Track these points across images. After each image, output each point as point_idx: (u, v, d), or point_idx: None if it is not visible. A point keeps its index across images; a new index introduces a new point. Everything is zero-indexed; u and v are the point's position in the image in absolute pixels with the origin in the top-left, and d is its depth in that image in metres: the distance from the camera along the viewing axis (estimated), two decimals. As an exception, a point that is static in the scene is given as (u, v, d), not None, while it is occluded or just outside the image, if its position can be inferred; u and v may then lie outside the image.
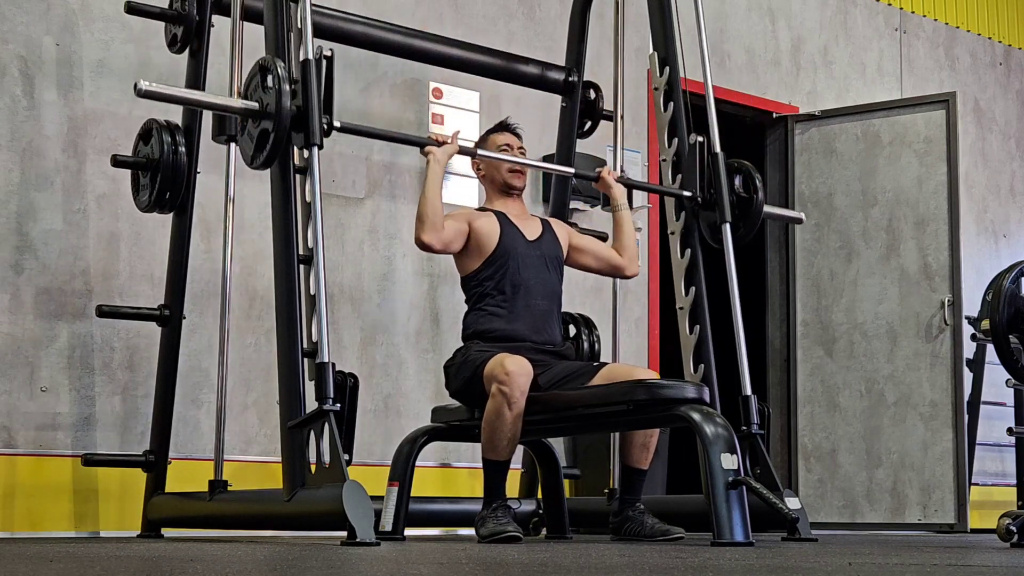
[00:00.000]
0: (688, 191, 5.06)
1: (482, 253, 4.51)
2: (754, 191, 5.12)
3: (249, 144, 4.00)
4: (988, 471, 7.71)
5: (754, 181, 5.12)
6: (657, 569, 2.49)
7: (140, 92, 3.89)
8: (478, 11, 6.05)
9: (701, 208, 5.07)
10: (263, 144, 3.94)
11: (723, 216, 5.03)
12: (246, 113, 4.00)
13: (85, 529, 4.80)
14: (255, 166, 4.01)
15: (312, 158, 3.94)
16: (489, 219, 4.56)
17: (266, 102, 3.93)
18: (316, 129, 3.94)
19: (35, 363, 4.75)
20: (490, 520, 4.15)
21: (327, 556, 2.93)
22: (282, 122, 3.89)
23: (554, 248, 4.65)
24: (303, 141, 3.95)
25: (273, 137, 3.90)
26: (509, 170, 4.63)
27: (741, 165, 5.15)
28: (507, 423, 4.15)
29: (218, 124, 4.52)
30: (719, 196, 5.04)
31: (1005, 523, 4.20)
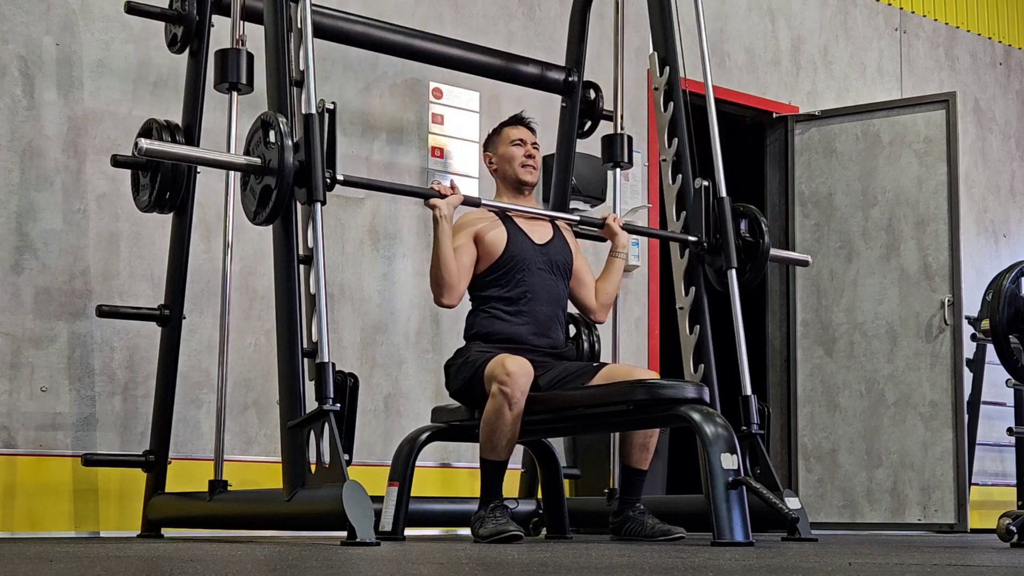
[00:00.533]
0: (694, 236, 5.03)
1: (487, 258, 4.49)
2: (760, 235, 5.07)
3: (252, 200, 3.96)
4: (988, 471, 7.71)
5: (760, 225, 5.08)
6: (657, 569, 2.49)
7: (141, 151, 3.90)
8: (478, 11, 6.05)
9: (707, 252, 5.04)
10: (266, 200, 3.90)
11: (729, 262, 4.99)
12: (248, 169, 3.96)
13: (85, 529, 4.80)
14: (257, 222, 3.97)
15: (315, 213, 3.91)
16: (495, 225, 4.52)
17: (268, 158, 3.89)
18: (319, 185, 3.89)
19: (35, 363, 4.75)
20: (489, 520, 4.15)
21: (327, 556, 2.93)
22: (285, 178, 3.85)
23: (564, 254, 4.62)
24: (306, 197, 3.91)
25: (276, 194, 3.86)
26: (521, 165, 4.60)
27: (747, 209, 5.12)
28: (507, 423, 4.15)
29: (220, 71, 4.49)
30: (725, 241, 4.99)
31: (1005, 523, 4.20)
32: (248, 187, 3.99)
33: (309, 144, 3.90)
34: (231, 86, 4.51)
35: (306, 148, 3.90)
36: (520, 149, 4.61)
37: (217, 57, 4.52)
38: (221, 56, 4.50)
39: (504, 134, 4.65)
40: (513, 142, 4.62)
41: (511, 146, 4.61)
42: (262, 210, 3.92)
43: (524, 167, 4.60)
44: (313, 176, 3.89)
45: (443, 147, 5.82)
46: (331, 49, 5.23)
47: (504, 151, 4.62)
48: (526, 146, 4.61)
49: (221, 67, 4.50)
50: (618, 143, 5.51)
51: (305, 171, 3.89)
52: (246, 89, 4.53)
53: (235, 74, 4.48)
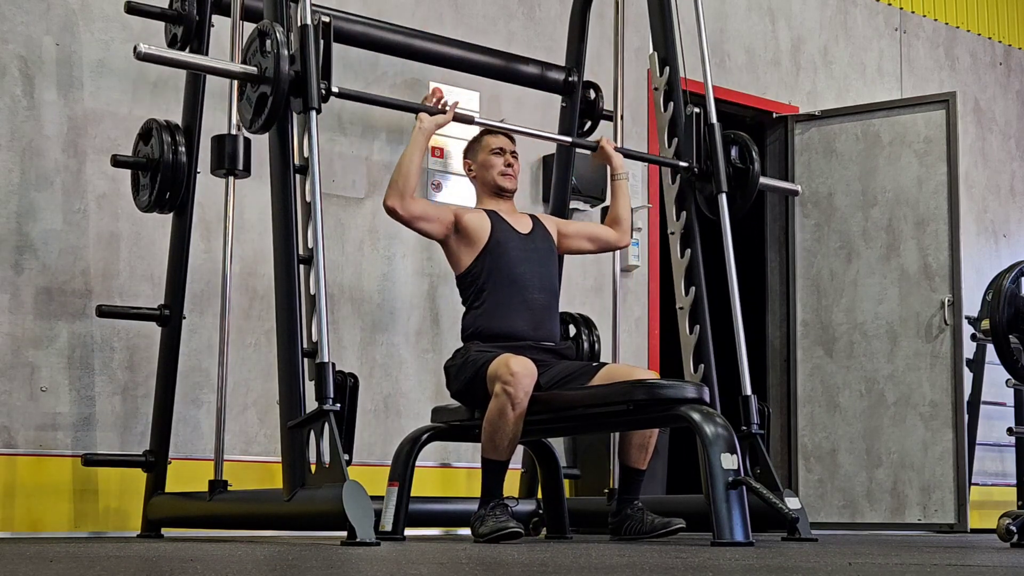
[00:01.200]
0: (684, 161, 5.08)
1: (474, 247, 4.51)
2: (750, 162, 5.15)
3: (248, 108, 4.05)
4: (988, 471, 7.71)
5: (750, 152, 5.16)
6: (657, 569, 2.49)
7: (139, 55, 3.95)
8: (478, 11, 6.05)
9: (697, 179, 5.09)
10: (261, 108, 3.99)
11: (719, 186, 5.07)
12: (245, 77, 4.05)
13: (85, 529, 4.80)
14: (253, 130, 4.06)
15: (310, 123, 3.98)
16: (479, 215, 4.57)
17: (265, 66, 3.97)
18: (314, 94, 3.98)
19: (35, 363, 4.75)
20: (489, 518, 4.15)
21: (327, 556, 2.93)
22: (280, 86, 3.93)
23: (547, 241, 4.66)
24: (301, 106, 3.99)
25: (271, 101, 3.95)
26: (500, 173, 4.63)
27: (738, 136, 5.20)
28: (509, 423, 4.15)
29: (216, 157, 4.52)
30: (715, 167, 5.07)
31: (1005, 523, 4.20)
32: (245, 96, 4.07)
33: (304, 54, 3.98)
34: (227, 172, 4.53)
35: (302, 59, 3.98)
36: (499, 158, 4.64)
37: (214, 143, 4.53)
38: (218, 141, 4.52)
39: (484, 142, 4.69)
40: (492, 150, 4.65)
41: (490, 154, 4.65)
42: (257, 118, 4.01)
43: (503, 175, 4.64)
44: (308, 85, 3.96)
45: (443, 147, 5.82)
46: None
47: (483, 159, 4.66)
48: (505, 155, 4.65)
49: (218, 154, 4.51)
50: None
51: (301, 80, 3.97)
52: (243, 175, 4.56)
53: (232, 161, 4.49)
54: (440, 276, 5.76)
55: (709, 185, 5.10)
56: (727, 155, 5.13)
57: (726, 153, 5.12)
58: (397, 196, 4.41)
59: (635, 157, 5.40)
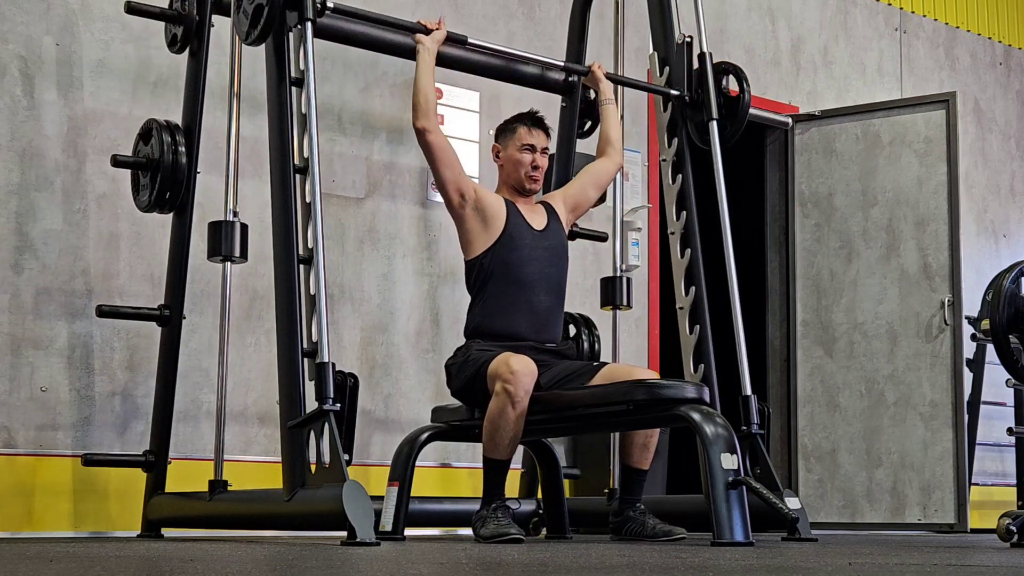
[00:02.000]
0: (676, 89, 5.10)
1: (489, 232, 4.46)
2: (741, 91, 5.18)
3: (244, 21, 4.14)
4: (988, 471, 7.71)
5: (742, 81, 5.17)
6: (657, 569, 2.49)
7: None
8: (478, 11, 6.05)
9: (688, 108, 5.12)
10: (257, 19, 4.08)
11: (710, 114, 5.11)
12: None
13: (85, 529, 4.80)
14: (249, 42, 4.17)
15: (306, 35, 4.06)
16: (498, 200, 4.54)
17: None
18: (309, 4, 4.07)
19: (35, 363, 4.75)
20: (491, 521, 4.14)
21: (327, 556, 2.93)
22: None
23: (560, 236, 4.62)
24: (296, 19, 4.07)
25: (267, 11, 4.04)
26: (526, 174, 4.56)
27: (729, 65, 5.22)
28: (510, 422, 4.15)
29: (213, 243, 4.53)
30: (706, 94, 5.10)
31: (1005, 523, 4.20)
32: (241, 9, 4.17)
33: None
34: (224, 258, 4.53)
35: None
36: (528, 156, 4.56)
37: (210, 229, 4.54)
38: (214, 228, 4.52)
39: (517, 134, 4.59)
40: (523, 147, 4.57)
41: (520, 151, 4.57)
42: (253, 29, 4.11)
43: (529, 176, 4.58)
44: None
45: (443, 147, 5.81)
46: (331, 49, 5.23)
47: (512, 154, 4.58)
48: (535, 154, 4.57)
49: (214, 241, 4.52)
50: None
51: None
52: (239, 260, 4.56)
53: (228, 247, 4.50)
54: (440, 276, 5.76)
55: (700, 113, 5.13)
56: (718, 83, 5.16)
57: (717, 81, 5.14)
58: (424, 115, 4.43)
59: (625, 83, 5.39)
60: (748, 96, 5.19)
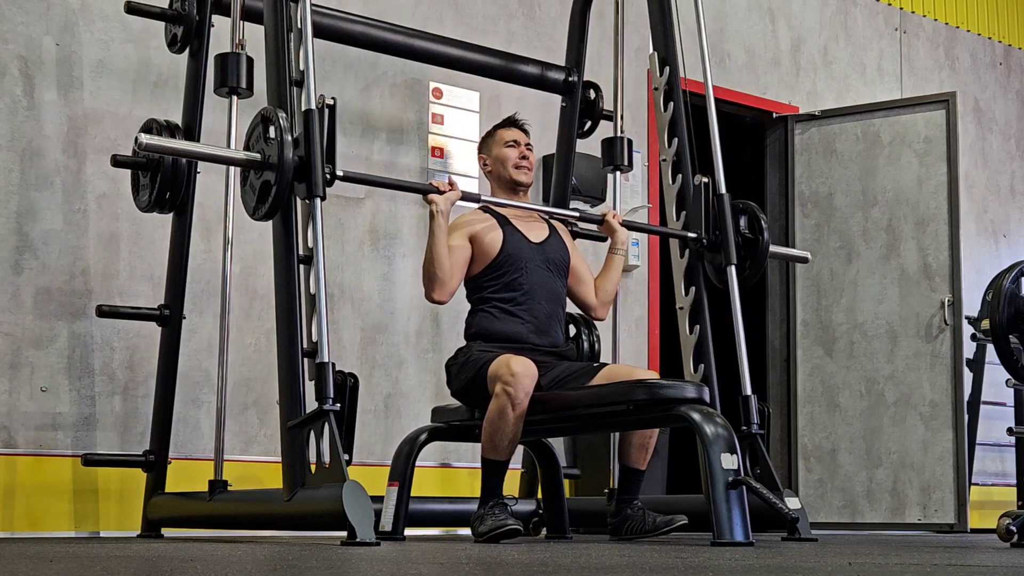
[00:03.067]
0: (693, 232, 5.04)
1: (485, 259, 4.49)
2: (759, 232, 5.08)
3: (251, 195, 3.98)
4: (988, 471, 7.71)
5: (759, 221, 5.09)
6: (657, 569, 2.49)
7: (141, 146, 3.94)
8: (478, 11, 6.05)
9: (706, 249, 5.06)
10: (265, 196, 3.92)
11: (728, 258, 5.01)
12: (248, 165, 3.97)
13: (85, 529, 4.80)
14: (257, 218, 3.99)
15: (315, 210, 3.91)
16: (492, 226, 4.53)
17: (268, 153, 3.90)
18: (319, 180, 3.90)
19: (35, 363, 4.75)
20: (488, 517, 4.15)
21: (327, 556, 2.93)
22: (284, 174, 3.85)
23: (560, 252, 4.62)
24: (305, 192, 3.92)
25: (275, 189, 3.87)
26: (515, 166, 4.60)
27: (746, 206, 5.13)
28: (509, 423, 4.15)
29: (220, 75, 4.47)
30: (724, 238, 5.01)
31: (1005, 523, 4.20)
32: (248, 183, 4.00)
33: (309, 139, 3.90)
34: (231, 90, 4.50)
35: (306, 144, 3.90)
36: (514, 151, 4.61)
37: (217, 61, 4.51)
38: (221, 60, 4.49)
39: (497, 136, 4.66)
40: (507, 143, 4.62)
41: (504, 148, 4.61)
42: (261, 206, 3.94)
43: (518, 168, 4.60)
44: (313, 172, 3.89)
45: (443, 147, 5.82)
46: (331, 49, 5.23)
47: (498, 153, 4.62)
48: (519, 147, 4.62)
49: (221, 71, 4.49)
50: (618, 146, 5.50)
51: (305, 167, 3.90)
52: (246, 93, 4.53)
53: (235, 78, 4.47)
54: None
55: (718, 255, 5.04)
56: (736, 225, 5.08)
57: (735, 223, 5.08)
58: (440, 289, 4.37)
59: (644, 230, 5.36)
60: (767, 237, 5.10)
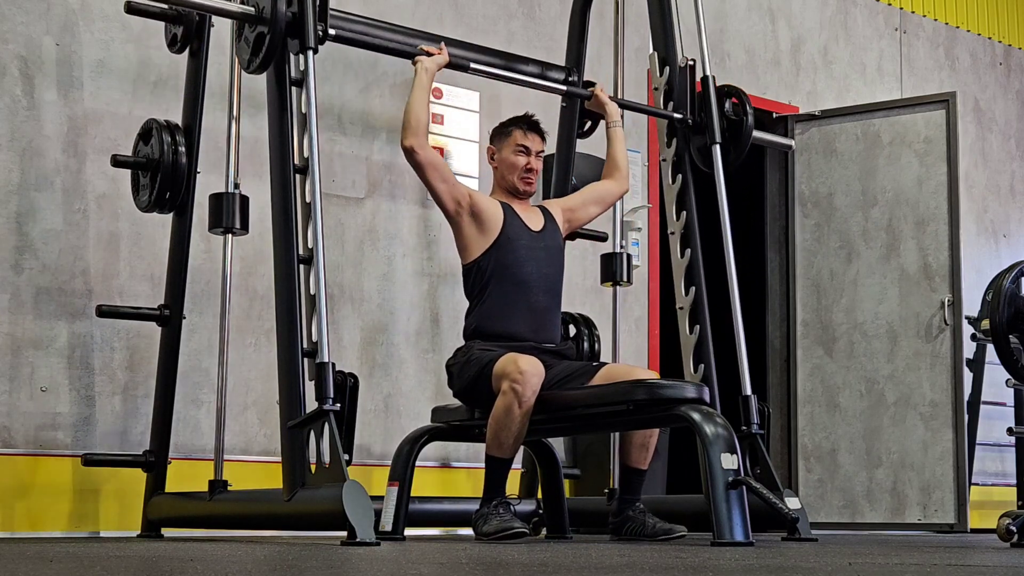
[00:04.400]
0: (679, 113, 5.11)
1: (486, 236, 4.47)
2: (744, 114, 5.18)
3: (246, 49, 4.13)
4: (988, 471, 7.71)
5: (744, 105, 5.17)
6: (657, 569, 2.49)
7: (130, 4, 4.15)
8: (478, 11, 6.05)
9: (691, 132, 5.12)
10: (259, 48, 4.07)
11: (712, 137, 5.11)
12: (243, 17, 4.12)
13: (85, 529, 4.80)
14: (251, 70, 4.16)
15: (308, 64, 4.04)
16: (494, 204, 4.53)
17: (262, 6, 4.06)
18: (311, 33, 4.05)
19: (35, 363, 4.75)
20: (494, 517, 4.14)
21: (327, 556, 2.93)
22: (278, 25, 4.02)
23: (556, 238, 4.63)
24: (298, 47, 4.06)
25: (268, 40, 4.03)
26: (520, 177, 4.57)
27: (732, 89, 5.21)
28: (516, 421, 4.15)
29: (214, 215, 4.52)
30: (709, 118, 5.10)
31: (1005, 523, 4.20)
32: (243, 37, 4.16)
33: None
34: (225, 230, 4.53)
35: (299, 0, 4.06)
36: (523, 159, 4.57)
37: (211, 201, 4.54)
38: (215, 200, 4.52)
39: (512, 137, 4.61)
40: (518, 149, 4.58)
41: (515, 153, 4.58)
42: (255, 58, 4.11)
43: (523, 179, 4.58)
44: (305, 25, 4.05)
45: (443, 147, 5.82)
46: (331, 49, 5.22)
47: (507, 155, 4.59)
48: (530, 156, 4.58)
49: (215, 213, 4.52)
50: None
51: (298, 21, 4.05)
52: (240, 232, 4.55)
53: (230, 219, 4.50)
54: (440, 276, 5.76)
55: (703, 138, 5.14)
56: (721, 107, 5.15)
57: (720, 105, 5.14)
58: (412, 134, 4.39)
59: (628, 107, 5.39)
60: (751, 120, 5.18)
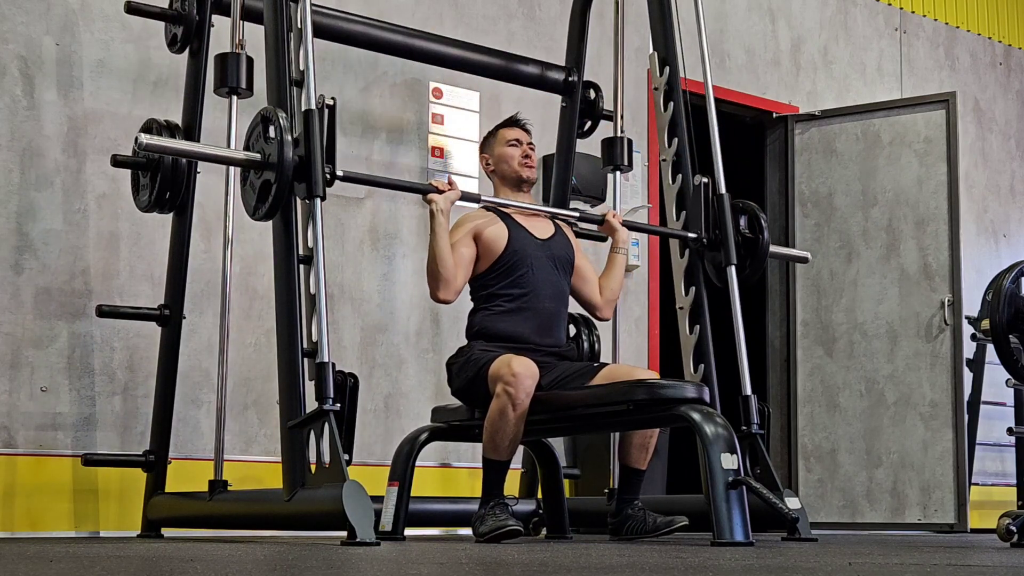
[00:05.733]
0: (693, 232, 5.04)
1: (490, 256, 4.48)
2: (759, 231, 5.09)
3: (251, 195, 3.98)
4: (988, 471, 7.71)
5: (759, 221, 5.10)
6: (657, 569, 2.49)
7: (141, 146, 3.95)
8: (478, 11, 6.05)
9: (706, 249, 5.06)
10: (265, 195, 3.92)
11: (728, 258, 5.01)
12: (248, 164, 3.97)
13: (85, 529, 4.80)
14: (257, 218, 4.00)
15: (315, 210, 3.92)
16: (495, 223, 4.52)
17: (268, 153, 3.90)
18: (319, 180, 3.90)
19: (35, 363, 4.75)
20: (489, 518, 4.15)
21: (327, 556, 2.93)
22: (284, 173, 3.86)
23: (566, 249, 4.62)
24: (305, 192, 3.92)
25: (275, 188, 3.88)
26: (520, 163, 4.60)
27: (746, 206, 5.14)
28: (510, 424, 4.15)
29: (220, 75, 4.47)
30: (724, 237, 5.01)
31: (1005, 523, 4.20)
32: (248, 182, 4.00)
33: (309, 139, 3.90)
34: (231, 90, 4.50)
35: (306, 143, 3.90)
36: (516, 149, 4.61)
37: (217, 61, 4.51)
38: (221, 60, 4.49)
39: (500, 135, 4.66)
40: (509, 142, 4.62)
41: (507, 146, 4.62)
42: (262, 205, 3.94)
43: (523, 165, 4.60)
44: (313, 171, 3.89)
45: (443, 147, 5.82)
46: (331, 49, 5.23)
47: (501, 152, 4.62)
48: (522, 146, 4.62)
49: (221, 70, 4.49)
50: (618, 146, 5.50)
51: (305, 166, 3.90)
52: (246, 93, 4.53)
53: (235, 78, 4.48)
54: (440, 276, 5.75)
55: (718, 255, 5.04)
56: (736, 225, 5.08)
57: (735, 222, 5.08)
58: (445, 288, 4.36)
59: (644, 230, 5.36)
60: (767, 237, 5.10)
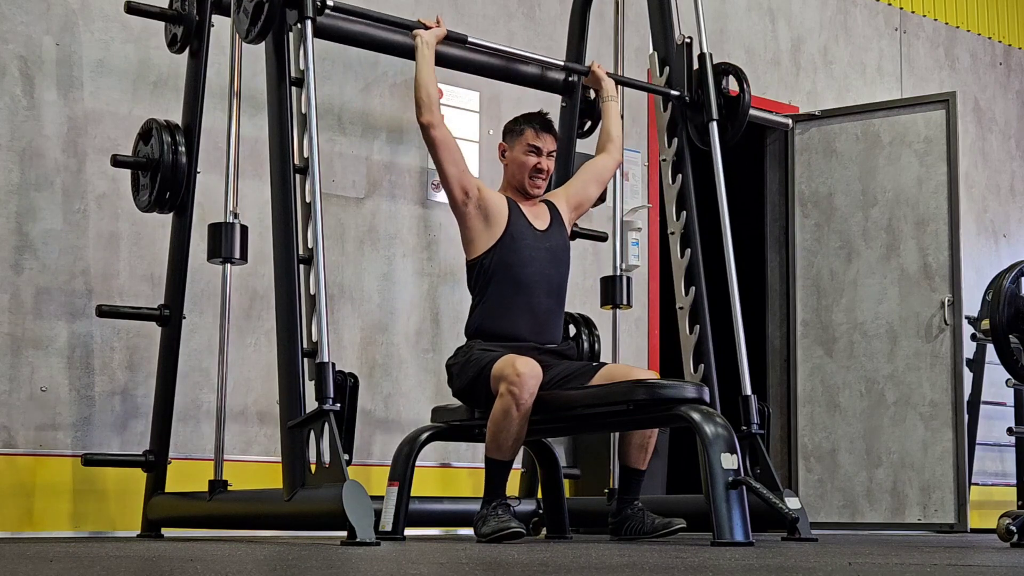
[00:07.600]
0: (676, 90, 5.12)
1: (491, 231, 4.45)
2: (741, 91, 5.19)
3: (244, 19, 4.16)
4: (988, 471, 7.71)
5: (742, 82, 5.17)
6: (657, 569, 2.49)
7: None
8: (478, 11, 6.05)
9: (688, 108, 5.12)
10: (257, 17, 4.09)
11: (710, 115, 5.11)
12: None
13: (85, 529, 4.80)
14: (249, 40, 4.19)
15: (306, 33, 4.06)
16: (500, 199, 4.52)
17: None
18: (309, 2, 4.08)
19: (35, 363, 4.75)
20: (491, 518, 4.15)
21: (327, 556, 2.93)
22: None
23: (562, 237, 4.61)
24: (296, 17, 4.08)
25: (267, 9, 4.05)
26: (529, 177, 4.55)
27: (729, 66, 5.22)
28: (514, 423, 4.15)
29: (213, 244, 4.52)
30: (706, 95, 5.11)
31: (1005, 523, 4.20)
32: (241, 7, 4.18)
33: None
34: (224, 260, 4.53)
35: None
36: (533, 159, 4.53)
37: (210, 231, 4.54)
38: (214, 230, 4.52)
39: (525, 136, 4.56)
40: (528, 149, 4.54)
41: (525, 153, 4.54)
42: (253, 28, 4.14)
43: (531, 181, 4.55)
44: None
45: (443, 147, 5.81)
46: (331, 49, 5.23)
47: (517, 155, 4.56)
48: (540, 157, 4.54)
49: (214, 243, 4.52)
50: None
51: None
52: (239, 262, 4.56)
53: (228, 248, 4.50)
54: (440, 276, 5.76)
55: (700, 114, 5.14)
56: (718, 84, 5.16)
57: (717, 82, 5.15)
58: (428, 110, 4.42)
59: (625, 83, 5.37)
60: (748, 96, 5.19)
